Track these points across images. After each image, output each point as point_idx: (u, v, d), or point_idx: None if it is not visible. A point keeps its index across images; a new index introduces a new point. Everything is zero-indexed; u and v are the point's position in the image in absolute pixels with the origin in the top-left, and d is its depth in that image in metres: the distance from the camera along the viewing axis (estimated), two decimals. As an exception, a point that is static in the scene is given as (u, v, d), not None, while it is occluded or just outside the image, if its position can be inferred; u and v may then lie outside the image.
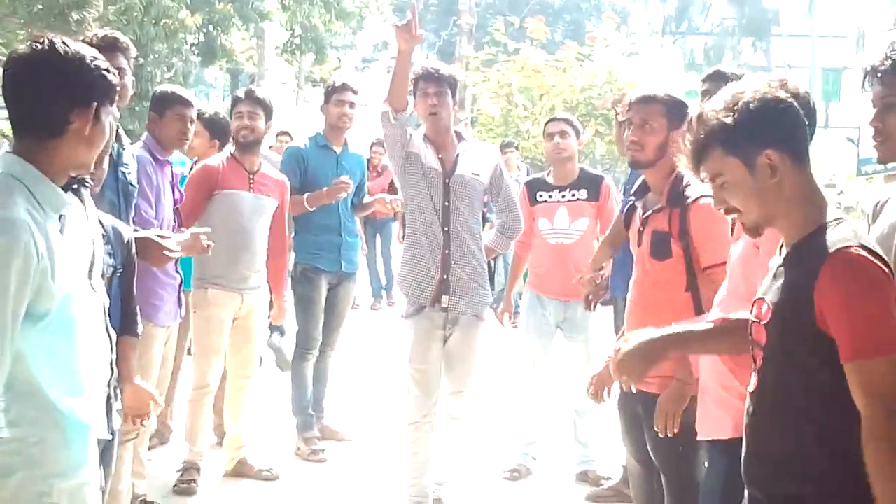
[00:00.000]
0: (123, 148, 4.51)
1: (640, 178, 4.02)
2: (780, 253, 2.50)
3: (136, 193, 4.58)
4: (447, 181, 4.97)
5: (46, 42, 2.41)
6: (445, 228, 4.95)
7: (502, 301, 6.47)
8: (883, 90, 2.83)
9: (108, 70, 2.48)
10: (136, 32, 12.79)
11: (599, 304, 5.34)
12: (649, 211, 3.89)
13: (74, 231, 2.56)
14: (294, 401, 6.36)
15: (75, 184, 2.79)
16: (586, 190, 5.98)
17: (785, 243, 2.48)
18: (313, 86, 28.82)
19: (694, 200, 3.75)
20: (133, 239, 3.65)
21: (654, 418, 3.74)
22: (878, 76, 2.83)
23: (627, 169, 5.05)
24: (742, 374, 2.99)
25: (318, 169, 6.27)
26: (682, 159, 2.54)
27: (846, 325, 2.25)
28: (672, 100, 3.88)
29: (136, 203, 4.61)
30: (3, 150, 2.73)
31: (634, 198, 4.04)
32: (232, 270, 5.50)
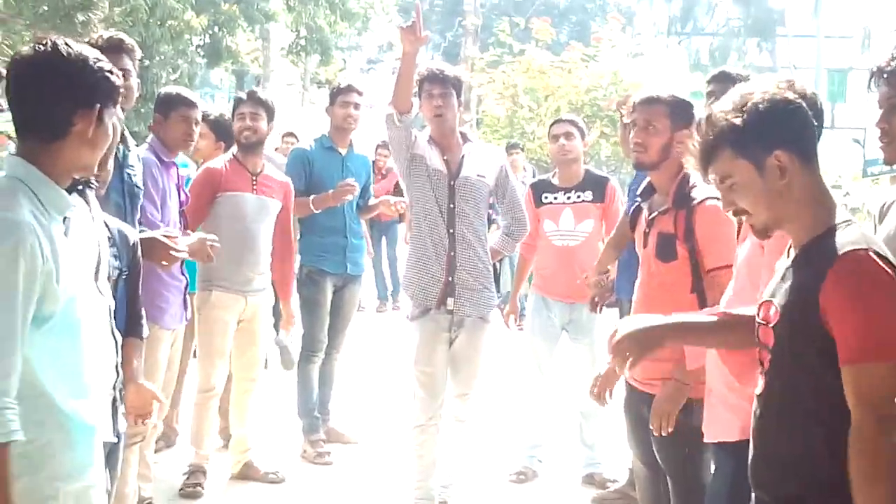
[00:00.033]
0: (129, 150, 4.51)
1: (647, 180, 4.01)
2: (787, 255, 2.49)
3: (141, 195, 4.58)
4: (452, 183, 4.96)
5: (49, 44, 2.41)
6: (451, 230, 4.94)
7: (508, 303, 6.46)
8: (889, 91, 2.82)
9: (111, 71, 2.48)
10: (142, 34, 12.79)
11: (605, 306, 5.33)
12: (655, 212, 3.88)
13: (79, 233, 2.56)
14: (300, 403, 6.35)
15: (80, 185, 2.78)
16: (591, 191, 5.97)
17: (793, 245, 2.47)
18: (319, 87, 28.81)
19: (700, 202, 3.74)
20: (139, 242, 3.64)
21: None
22: (884, 77, 2.82)
23: (633, 170, 5.02)
24: (741, 373, 2.99)
25: (323, 171, 6.26)
26: (691, 160, 2.54)
27: (847, 327, 2.24)
28: (676, 100, 3.87)
29: (142, 205, 4.61)
30: (8, 153, 2.73)
31: (640, 199, 4.03)
32: (236, 273, 5.49)
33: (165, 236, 4.16)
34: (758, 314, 2.52)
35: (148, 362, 4.26)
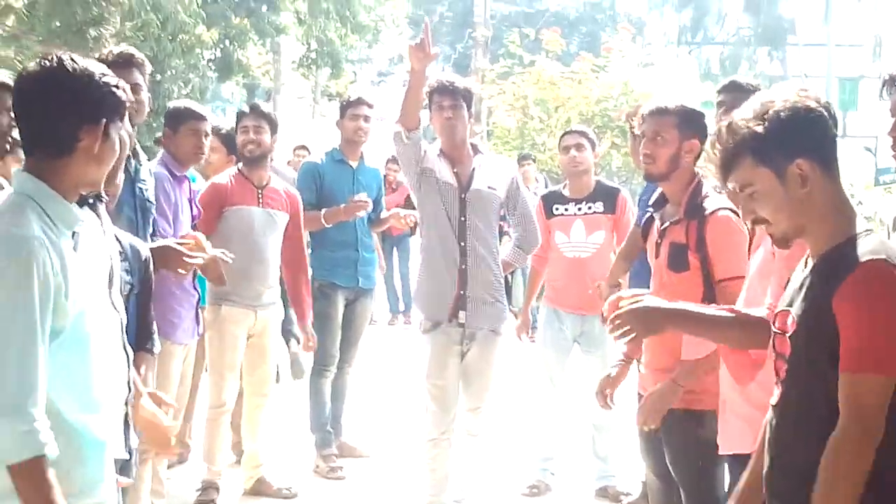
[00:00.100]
0: (141, 164, 4.51)
1: (658, 190, 4.00)
2: (805, 264, 2.47)
3: (153, 210, 4.59)
4: (463, 196, 4.95)
5: (55, 59, 2.39)
6: (462, 243, 4.92)
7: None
8: (901, 99, 2.81)
9: (117, 86, 2.46)
10: (153, 48, 12.86)
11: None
12: (667, 223, 3.87)
13: (89, 247, 2.55)
14: (312, 418, 6.34)
15: (91, 199, 2.78)
16: (602, 203, 5.96)
17: (811, 254, 2.44)
18: (329, 100, 28.88)
19: (712, 213, 3.73)
20: (151, 257, 3.64)
21: (671, 432, 3.72)
22: (895, 85, 2.80)
23: (644, 181, 5.01)
24: (739, 374, 2.98)
25: (334, 184, 6.26)
26: (711, 168, 2.52)
27: (852, 334, 2.23)
28: (684, 110, 3.86)
29: (154, 220, 4.61)
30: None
31: (652, 209, 4.02)
32: (246, 287, 5.48)
33: (178, 243, 4.16)
34: (774, 323, 2.51)
35: (160, 377, 4.26)
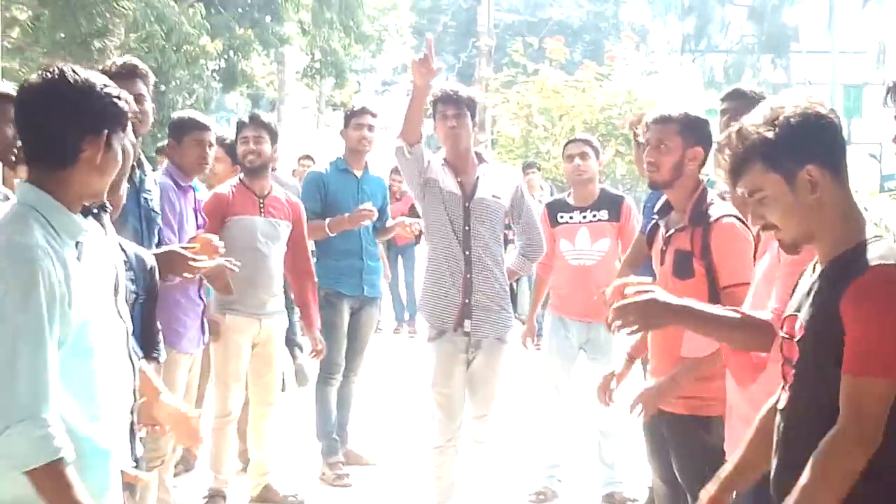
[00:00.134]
0: (146, 174, 4.52)
1: (663, 198, 4.00)
2: (813, 269, 2.47)
3: (159, 220, 4.60)
4: (467, 205, 4.96)
5: (56, 70, 2.39)
6: (466, 252, 4.93)
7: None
8: (905, 106, 2.81)
9: (118, 97, 2.46)
10: (158, 59, 12.87)
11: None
12: (672, 230, 3.87)
13: (93, 257, 2.55)
14: (318, 426, 6.34)
15: (95, 209, 2.78)
16: (607, 210, 5.97)
17: (820, 259, 2.44)
18: (334, 110, 28.95)
19: (716, 220, 3.73)
20: (155, 266, 3.64)
21: (678, 438, 3.72)
22: (900, 92, 2.81)
23: (648, 189, 5.02)
24: (740, 376, 2.98)
25: (338, 193, 6.27)
26: (720, 174, 2.51)
27: (857, 336, 2.23)
28: (687, 118, 3.86)
29: (159, 230, 4.62)
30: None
31: (658, 217, 4.02)
32: (250, 296, 5.48)
33: (183, 247, 4.17)
34: (781, 328, 2.51)
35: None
